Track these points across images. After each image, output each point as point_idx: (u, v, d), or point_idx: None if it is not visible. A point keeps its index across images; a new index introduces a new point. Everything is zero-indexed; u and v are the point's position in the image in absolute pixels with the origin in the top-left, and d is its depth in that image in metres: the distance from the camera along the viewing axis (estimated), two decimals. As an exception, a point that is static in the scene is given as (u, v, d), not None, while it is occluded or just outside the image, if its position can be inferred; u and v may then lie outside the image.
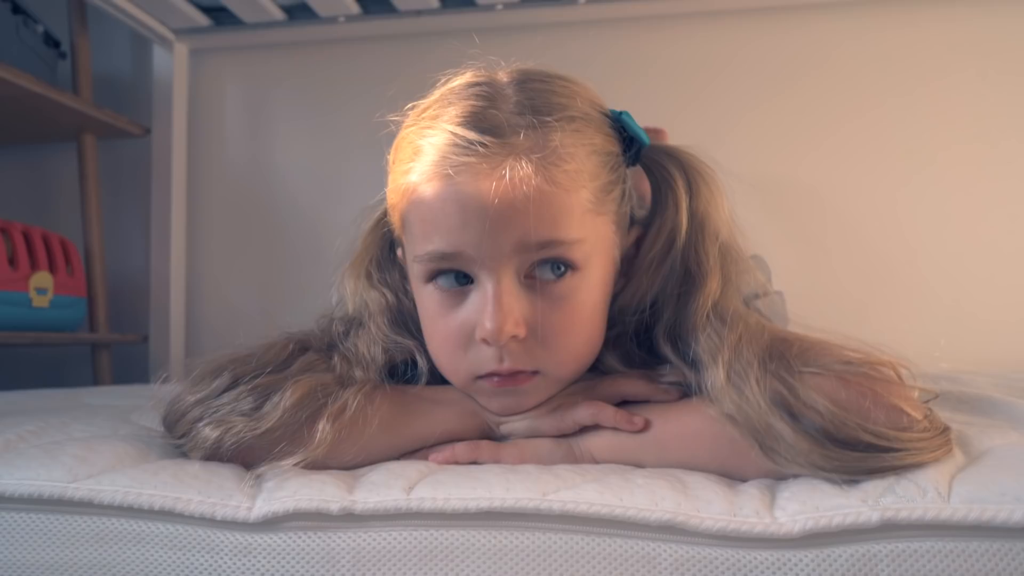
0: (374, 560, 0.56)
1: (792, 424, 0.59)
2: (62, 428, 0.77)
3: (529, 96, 0.68)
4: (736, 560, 0.53)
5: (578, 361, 0.72)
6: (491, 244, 0.65)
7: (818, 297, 1.52)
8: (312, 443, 0.66)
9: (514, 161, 0.64)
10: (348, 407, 0.68)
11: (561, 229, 0.66)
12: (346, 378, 0.71)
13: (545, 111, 0.67)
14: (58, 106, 1.60)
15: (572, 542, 0.55)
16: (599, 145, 0.70)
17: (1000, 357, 1.50)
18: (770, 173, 1.67)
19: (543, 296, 0.68)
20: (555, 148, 0.65)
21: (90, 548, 0.60)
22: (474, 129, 0.65)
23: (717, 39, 1.73)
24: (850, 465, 0.57)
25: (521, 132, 0.65)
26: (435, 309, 0.70)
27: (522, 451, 0.69)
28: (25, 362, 1.90)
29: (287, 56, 1.89)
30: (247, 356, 0.73)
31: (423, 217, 0.68)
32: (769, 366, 0.63)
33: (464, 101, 0.68)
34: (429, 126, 0.69)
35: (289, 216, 1.86)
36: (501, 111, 0.67)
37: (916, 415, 0.60)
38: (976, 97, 1.62)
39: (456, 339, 0.69)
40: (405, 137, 0.72)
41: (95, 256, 1.78)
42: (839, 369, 0.62)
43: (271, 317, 0.76)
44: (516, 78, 0.71)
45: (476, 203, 0.64)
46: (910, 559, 0.51)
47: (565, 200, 0.66)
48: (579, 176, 0.67)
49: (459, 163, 0.65)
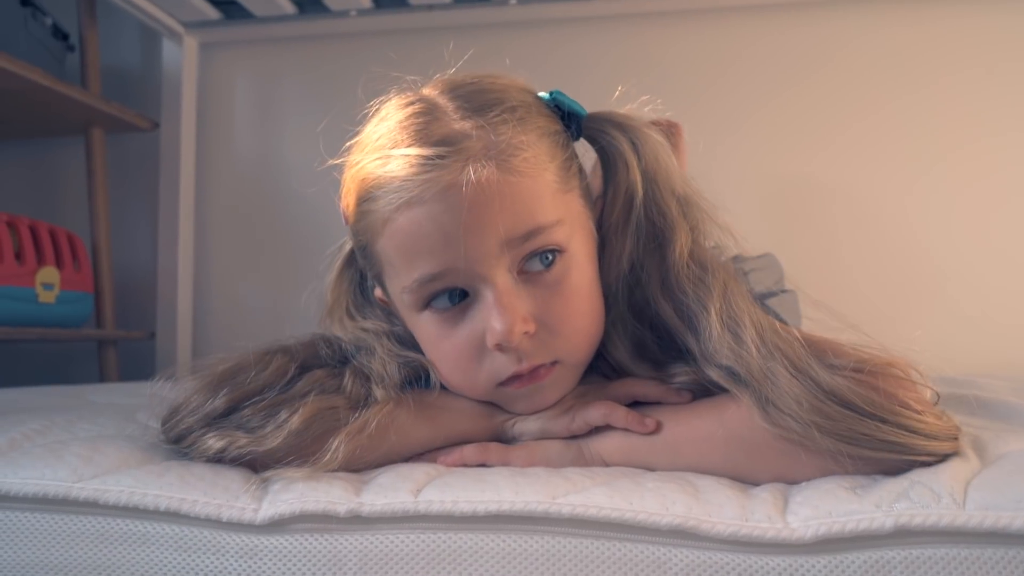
0: (381, 563, 0.56)
1: (792, 371, 0.60)
2: (67, 427, 0.77)
3: (465, 100, 0.69)
4: (748, 566, 0.52)
5: (589, 340, 0.72)
6: (476, 251, 0.65)
7: (831, 297, 1.51)
8: (323, 459, 0.65)
9: (474, 164, 0.64)
10: (368, 424, 0.67)
11: (538, 215, 0.66)
12: (361, 398, 0.70)
13: (486, 108, 0.68)
14: (66, 99, 1.60)
15: (581, 546, 0.54)
16: (544, 127, 0.71)
17: (1018, 360, 1.49)
18: (781, 171, 1.67)
19: (540, 286, 0.68)
20: (508, 140, 0.66)
21: (95, 548, 0.59)
22: (426, 145, 0.66)
23: (727, 36, 1.72)
24: (843, 425, 0.57)
25: (472, 135, 0.66)
26: (436, 333, 0.70)
27: (531, 453, 0.69)
28: (31, 358, 1.90)
29: (297, 50, 1.89)
30: (240, 372, 0.71)
31: (401, 247, 0.67)
32: (763, 313, 0.65)
33: (404, 123, 0.69)
34: (377, 159, 0.69)
35: (298, 212, 1.85)
36: (445, 121, 0.67)
37: (927, 416, 0.59)
38: (987, 94, 1.61)
39: (468, 353, 0.69)
40: (354, 178, 0.71)
41: (102, 251, 1.78)
42: (845, 370, 0.61)
43: (279, 313, 0.76)
44: (444, 88, 0.72)
45: (450, 217, 0.64)
46: (924, 566, 0.50)
47: (532, 186, 0.66)
48: (538, 160, 0.67)
49: (423, 182, 0.65)
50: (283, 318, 0.79)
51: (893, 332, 0.66)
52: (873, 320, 0.67)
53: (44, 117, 1.73)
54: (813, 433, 0.58)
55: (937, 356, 0.66)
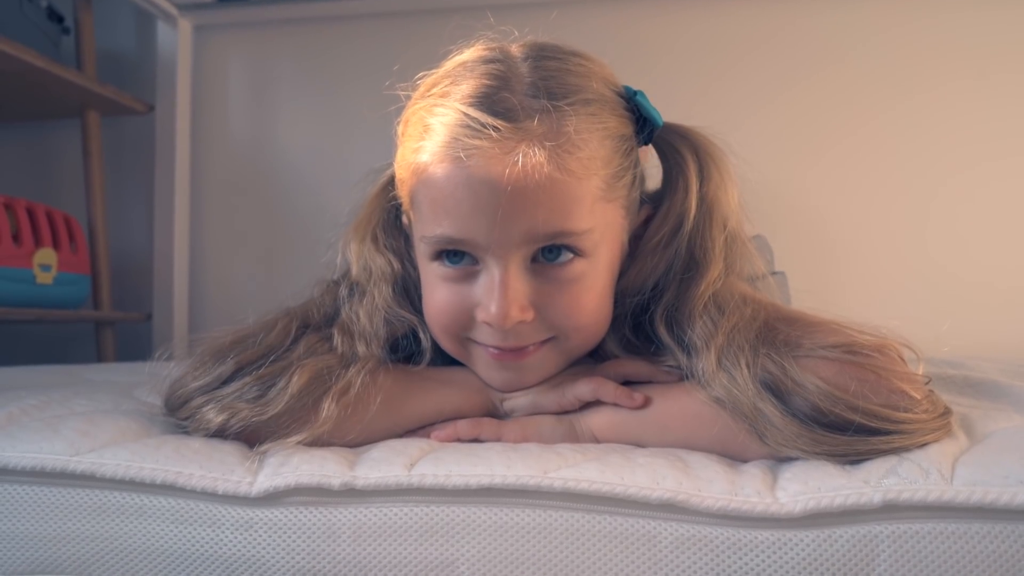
0: (374, 535, 0.56)
1: (781, 408, 0.59)
2: (64, 402, 0.77)
3: (544, 76, 0.67)
4: (737, 539, 0.53)
5: (586, 339, 0.72)
6: (501, 233, 0.64)
7: (820, 280, 1.52)
8: (317, 421, 0.66)
9: (527, 147, 0.63)
10: (353, 385, 0.68)
11: (571, 220, 0.65)
12: (349, 356, 0.71)
13: (560, 94, 0.66)
14: (62, 82, 1.59)
15: (573, 520, 0.55)
16: (613, 129, 0.69)
17: (1004, 343, 1.50)
18: (777, 159, 1.66)
19: (550, 279, 0.67)
20: (569, 135, 0.64)
21: (92, 521, 0.60)
22: (487, 111, 0.64)
23: (734, 22, 1.70)
24: (839, 449, 0.57)
25: (535, 117, 0.64)
26: (437, 282, 0.70)
27: (524, 428, 0.69)
28: (28, 339, 1.90)
29: (292, 33, 1.88)
30: (248, 337, 0.72)
31: (433, 199, 0.67)
32: (760, 350, 0.63)
33: (476, 78, 0.67)
34: (440, 103, 0.67)
35: (293, 194, 1.85)
36: (515, 93, 0.65)
37: (917, 396, 0.60)
38: (978, 93, 1.60)
39: (457, 311, 0.69)
40: (415, 113, 0.70)
41: (99, 233, 1.77)
42: (835, 355, 0.61)
43: (274, 295, 0.76)
44: (531, 53, 0.69)
45: (487, 191, 0.63)
46: (911, 540, 0.51)
47: (576, 189, 0.65)
48: (592, 163, 0.66)
49: (471, 146, 0.63)
50: (278, 298, 0.78)
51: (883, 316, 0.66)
52: (863, 303, 0.67)
53: (40, 100, 1.72)
54: (807, 452, 0.58)
55: (926, 339, 0.67)
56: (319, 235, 0.89)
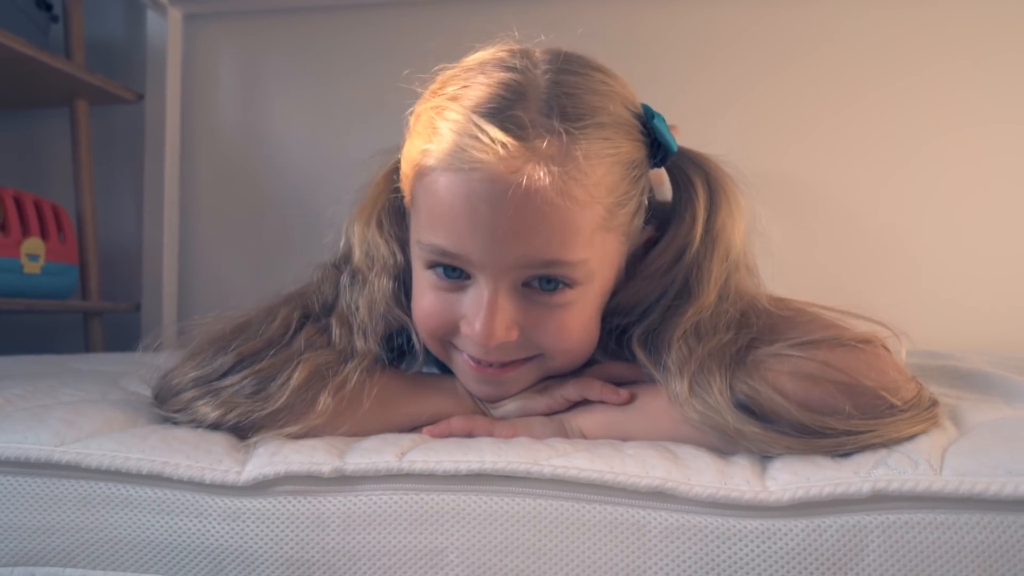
0: (364, 524, 0.56)
1: (763, 426, 0.59)
2: (50, 392, 0.77)
3: (561, 93, 0.64)
4: (726, 528, 0.53)
5: (572, 359, 0.71)
6: (496, 254, 0.63)
7: (807, 276, 1.51)
8: (313, 414, 0.65)
9: (533, 169, 0.61)
10: (349, 380, 0.67)
11: (568, 250, 0.64)
12: (347, 351, 0.70)
13: (575, 115, 0.63)
14: (50, 70, 1.58)
15: (562, 508, 0.55)
16: (624, 154, 0.67)
17: (991, 340, 1.50)
18: (759, 162, 1.65)
19: (539, 303, 0.67)
20: (577, 160, 0.62)
21: (77, 512, 0.60)
22: (497, 125, 0.62)
23: (704, 24, 1.70)
24: (828, 448, 0.58)
25: (546, 138, 0.62)
26: (427, 288, 0.70)
27: (515, 426, 0.69)
28: (16, 330, 1.89)
29: (283, 22, 1.87)
30: (249, 326, 0.72)
31: (432, 207, 0.66)
32: (737, 374, 0.62)
33: (491, 86, 0.64)
34: (451, 107, 0.65)
35: (283, 184, 1.84)
36: (528, 109, 0.63)
37: (905, 389, 0.60)
38: (969, 81, 1.60)
39: (442, 319, 0.69)
40: (426, 110, 0.68)
41: (87, 223, 1.76)
42: (821, 356, 0.61)
43: (263, 285, 0.76)
44: (553, 65, 0.67)
45: (487, 209, 0.62)
46: (901, 530, 0.51)
47: (578, 217, 0.63)
48: (597, 190, 0.64)
49: (476, 160, 0.61)
50: (267, 290, 0.78)
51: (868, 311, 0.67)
52: (849, 298, 0.67)
53: (28, 88, 1.70)
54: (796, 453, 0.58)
55: (913, 334, 0.67)
56: (309, 225, 0.88)
